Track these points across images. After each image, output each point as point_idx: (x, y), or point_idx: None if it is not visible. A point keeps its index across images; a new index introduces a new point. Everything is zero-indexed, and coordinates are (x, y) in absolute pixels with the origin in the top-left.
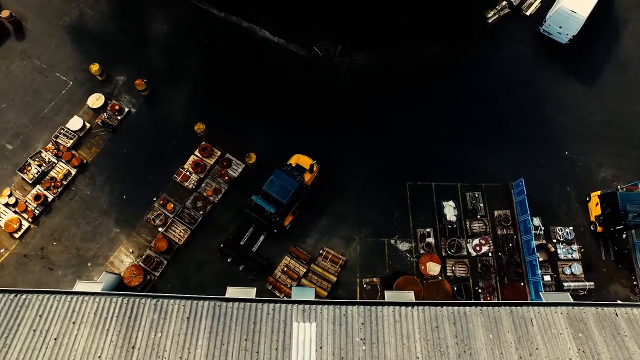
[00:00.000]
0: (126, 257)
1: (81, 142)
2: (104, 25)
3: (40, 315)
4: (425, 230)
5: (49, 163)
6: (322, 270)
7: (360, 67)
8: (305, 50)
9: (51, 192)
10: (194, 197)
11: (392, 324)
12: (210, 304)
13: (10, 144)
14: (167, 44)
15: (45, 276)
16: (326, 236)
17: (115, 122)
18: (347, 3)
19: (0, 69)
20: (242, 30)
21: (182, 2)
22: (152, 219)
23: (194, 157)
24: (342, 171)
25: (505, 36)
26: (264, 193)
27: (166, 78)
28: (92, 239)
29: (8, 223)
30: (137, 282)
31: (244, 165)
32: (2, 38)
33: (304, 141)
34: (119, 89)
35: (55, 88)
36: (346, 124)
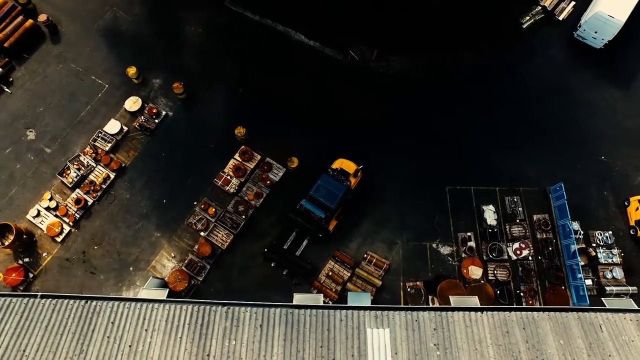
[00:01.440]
0: (168, 262)
1: (119, 146)
2: (138, 28)
3: (112, 322)
4: (466, 234)
5: (87, 167)
6: (367, 274)
7: (396, 71)
8: (342, 54)
9: (91, 195)
10: (236, 201)
11: (463, 329)
12: (282, 311)
13: (48, 148)
14: (201, 47)
15: (88, 280)
16: (369, 240)
17: (153, 125)
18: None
19: (37, 72)
20: (277, 34)
21: (215, 5)
22: (193, 223)
23: (234, 161)
24: (381, 175)
25: (538, 41)
26: (311, 198)
27: (202, 81)
28: (133, 243)
29: (50, 227)
30: (182, 287)
31: (284, 169)
32: (38, 42)
33: (343, 145)
34: (155, 92)
35: (92, 91)
36: (384, 128)
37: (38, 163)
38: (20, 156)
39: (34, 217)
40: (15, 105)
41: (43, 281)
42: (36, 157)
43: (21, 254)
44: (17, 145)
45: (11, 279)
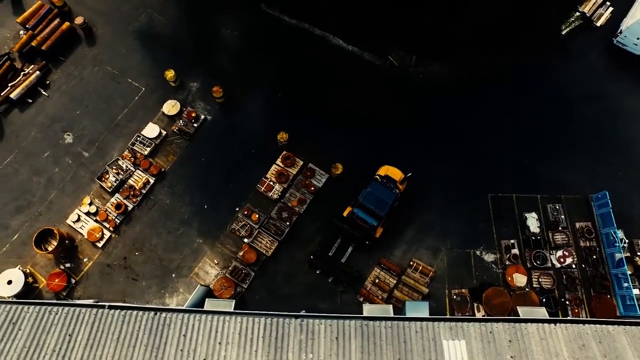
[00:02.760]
0: (211, 269)
1: (157, 150)
2: (173, 30)
3: (184, 335)
4: (509, 241)
5: (126, 171)
6: (414, 281)
7: (435, 77)
8: (381, 59)
9: (131, 201)
10: (279, 208)
11: (538, 341)
12: (357, 322)
13: (86, 151)
14: (238, 50)
15: (130, 287)
16: (413, 247)
17: (192, 129)
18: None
19: (73, 74)
20: (314, 38)
21: (252, 8)
22: (237, 229)
23: (276, 166)
24: (423, 181)
25: (576, 47)
26: (360, 205)
27: (240, 85)
28: (175, 250)
29: (91, 232)
30: (228, 295)
31: (327, 175)
32: (74, 44)
33: (384, 151)
34: (193, 96)
35: (128, 94)
36: (425, 134)
37: (76, 167)
38: (59, 160)
39: (74, 222)
40: (52, 108)
41: (85, 287)
42: (74, 161)
43: (62, 259)
44: (55, 148)
45: (55, 284)
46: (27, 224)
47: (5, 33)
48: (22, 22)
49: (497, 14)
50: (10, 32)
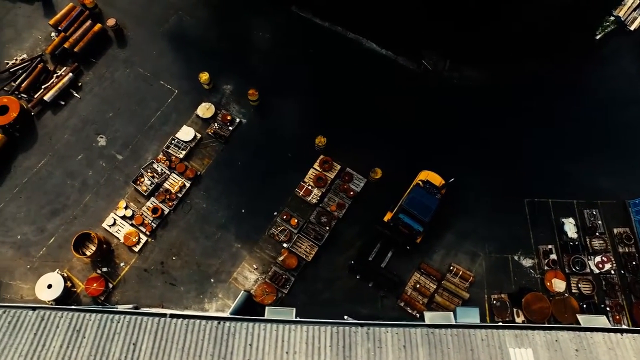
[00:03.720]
0: (250, 274)
1: (192, 153)
2: (204, 32)
3: (250, 344)
4: (547, 246)
5: (162, 174)
6: (455, 287)
7: (469, 81)
8: (414, 63)
9: (167, 204)
10: (318, 212)
11: (606, 351)
12: (423, 330)
13: (120, 154)
14: (270, 53)
15: (168, 292)
16: (452, 252)
17: (227, 132)
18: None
19: (104, 76)
20: (347, 41)
21: (283, 10)
22: (276, 234)
23: (313, 170)
24: (460, 186)
25: (610, 51)
26: (403, 210)
27: (273, 88)
28: (213, 254)
29: (127, 236)
30: (269, 300)
31: (365, 179)
32: (105, 46)
33: (420, 156)
34: (227, 99)
35: (161, 96)
36: (460, 139)
37: (110, 170)
38: (92, 163)
39: (110, 226)
40: (84, 111)
41: (122, 292)
42: (108, 164)
43: (99, 264)
44: (88, 151)
45: (93, 289)
46: (63, 228)
47: (37, 35)
48: (54, 24)
49: (536, 21)
50: (42, 34)
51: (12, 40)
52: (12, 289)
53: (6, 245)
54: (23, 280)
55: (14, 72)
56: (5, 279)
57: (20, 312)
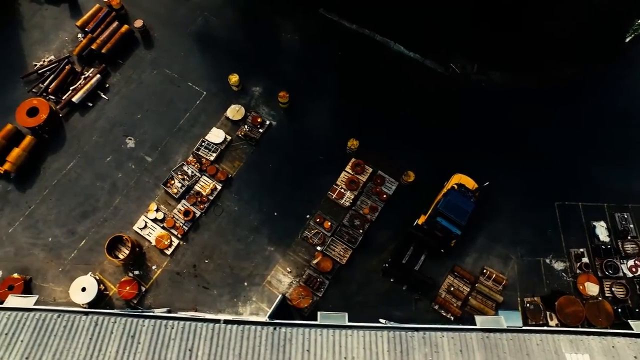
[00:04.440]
0: (284, 277)
1: (222, 156)
2: (231, 33)
3: (307, 350)
4: (578, 250)
5: (192, 177)
6: (488, 290)
7: (497, 85)
8: (442, 67)
9: (198, 207)
10: (351, 215)
11: None
12: (478, 335)
13: (149, 156)
14: (298, 55)
15: (201, 295)
16: (484, 255)
17: (258, 135)
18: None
19: (132, 78)
20: (375, 44)
21: (310, 13)
22: (310, 237)
23: (345, 173)
24: (490, 189)
25: (638, 54)
26: (440, 213)
27: (302, 90)
28: (246, 258)
29: (159, 239)
30: (306, 304)
31: (397, 182)
32: (132, 47)
33: (450, 159)
34: (256, 101)
35: (189, 98)
36: (489, 143)
37: (140, 172)
38: (121, 165)
39: (141, 229)
40: (112, 112)
41: (155, 295)
42: (137, 166)
43: (131, 267)
44: (117, 153)
45: (126, 292)
46: (94, 230)
47: (64, 36)
48: (81, 25)
49: (567, 25)
50: (69, 36)
51: (40, 42)
52: (45, 291)
53: (38, 247)
54: (55, 282)
55: (42, 74)
56: (38, 281)
57: (74, 316)
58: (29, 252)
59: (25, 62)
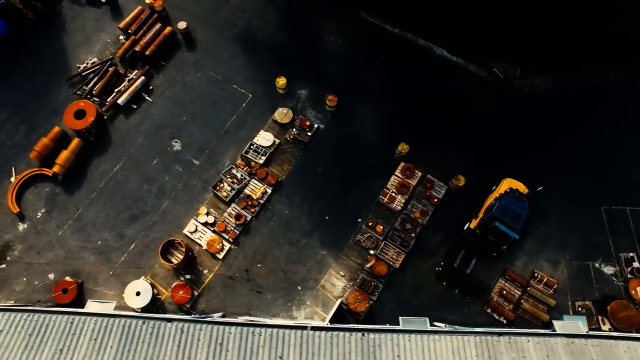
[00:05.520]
0: (337, 281)
1: (271, 159)
2: (274, 36)
3: (398, 356)
4: (628, 254)
5: (242, 180)
6: (541, 293)
7: (541, 90)
8: (485, 71)
9: (249, 211)
10: (402, 219)
11: None
12: (563, 340)
13: (196, 159)
14: (343, 58)
15: (254, 299)
16: (533, 258)
17: (306, 138)
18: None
19: (175, 80)
20: (418, 48)
21: (352, 16)
22: (362, 240)
23: (395, 177)
24: (538, 193)
25: None
26: (494, 218)
27: (348, 93)
28: (299, 262)
29: (210, 243)
30: (362, 308)
31: (446, 187)
32: (174, 49)
33: (497, 163)
34: (303, 104)
35: (235, 101)
36: (535, 147)
37: (187, 175)
38: (168, 168)
39: (191, 233)
40: (157, 114)
41: (208, 299)
42: (185, 169)
43: (182, 271)
44: (164, 156)
45: (179, 296)
46: (143, 234)
47: (106, 38)
48: (124, 27)
49: (617, 31)
50: (111, 37)
51: (82, 44)
52: (97, 295)
53: (87, 251)
54: (107, 286)
55: (85, 76)
56: (90, 285)
57: (159, 323)
58: (79, 255)
59: (69, 64)
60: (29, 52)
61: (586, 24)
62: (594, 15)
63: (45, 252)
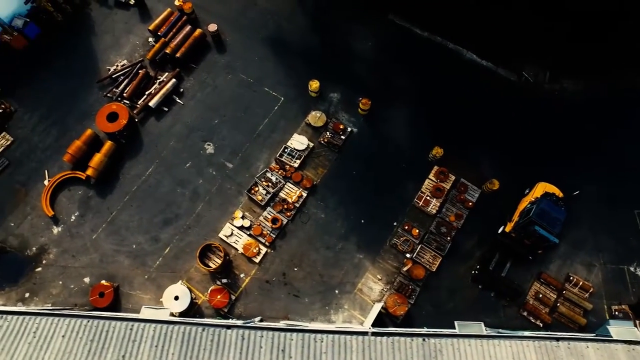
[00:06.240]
0: (374, 284)
1: (305, 162)
2: (304, 38)
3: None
4: None
5: (276, 184)
6: (577, 297)
7: (571, 93)
8: (515, 75)
9: (284, 215)
10: (437, 223)
11: None
12: (624, 347)
13: (230, 162)
14: (373, 61)
15: (292, 303)
16: (567, 262)
17: (340, 141)
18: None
19: (206, 82)
20: (448, 52)
21: (381, 19)
22: (399, 244)
23: (429, 181)
24: (571, 197)
25: None
26: (532, 222)
27: (379, 96)
28: (335, 265)
29: (247, 247)
30: (401, 312)
31: (479, 190)
32: (204, 51)
33: (530, 167)
34: (335, 107)
35: (267, 104)
36: (567, 151)
37: (221, 178)
38: (202, 171)
39: (227, 237)
40: (189, 117)
41: (245, 304)
42: (218, 172)
43: (218, 275)
44: (196, 159)
45: (217, 300)
46: (177, 237)
47: (135, 40)
48: (153, 29)
49: None
50: (140, 40)
51: (111, 46)
52: (133, 299)
53: (122, 255)
54: (143, 290)
55: (115, 79)
56: (125, 289)
57: (219, 330)
58: (114, 258)
59: (98, 67)
60: (59, 55)
61: (617, 27)
62: (625, 19)
63: (80, 256)
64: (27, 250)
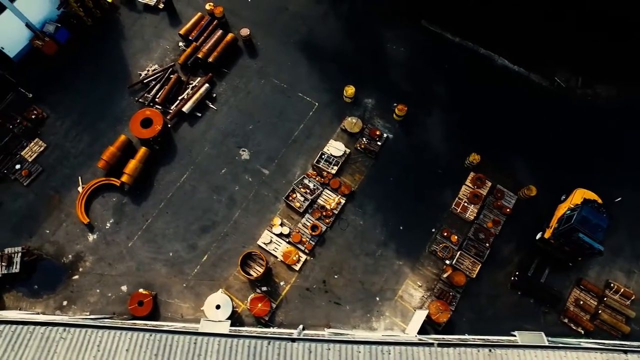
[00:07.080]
0: (415, 291)
1: (342, 169)
2: (336, 43)
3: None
4: None
5: (314, 190)
6: (619, 304)
7: (603, 99)
8: (547, 80)
9: (323, 222)
10: (475, 229)
11: None
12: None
13: (265, 169)
14: (406, 67)
15: (333, 311)
16: (606, 268)
17: (376, 148)
18: None
19: (239, 87)
20: (479, 57)
21: (413, 25)
22: (439, 250)
23: (466, 187)
24: (607, 203)
25: None
26: (575, 229)
27: (415, 102)
28: (375, 272)
29: (287, 254)
30: (444, 319)
31: (516, 196)
32: (236, 56)
33: (566, 173)
34: (370, 113)
35: (301, 109)
36: (601, 157)
37: (257, 185)
38: (237, 177)
39: (266, 244)
40: (222, 123)
41: (286, 312)
42: (254, 179)
43: (258, 283)
44: (232, 165)
45: (258, 309)
46: (215, 245)
47: (165, 45)
48: (184, 34)
49: None
50: (170, 44)
51: (141, 51)
52: (171, 307)
53: (159, 262)
54: (181, 298)
55: (147, 84)
56: (164, 297)
57: (284, 343)
58: (151, 267)
59: (129, 72)
60: (90, 59)
61: None
62: None
63: (117, 264)
64: (63, 257)
